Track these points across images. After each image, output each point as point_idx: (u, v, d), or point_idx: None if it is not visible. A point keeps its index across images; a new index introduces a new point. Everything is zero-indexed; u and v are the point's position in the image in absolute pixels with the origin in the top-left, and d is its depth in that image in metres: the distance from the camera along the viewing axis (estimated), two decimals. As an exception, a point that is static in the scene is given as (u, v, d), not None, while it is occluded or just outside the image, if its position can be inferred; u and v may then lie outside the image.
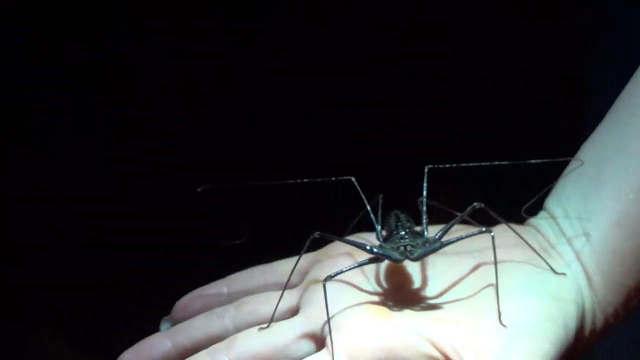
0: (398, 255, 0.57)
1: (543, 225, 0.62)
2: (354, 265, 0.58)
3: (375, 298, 0.58)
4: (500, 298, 0.56)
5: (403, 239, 0.58)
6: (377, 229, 0.60)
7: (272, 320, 0.58)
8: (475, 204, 0.58)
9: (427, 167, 0.59)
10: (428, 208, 0.60)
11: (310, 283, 0.60)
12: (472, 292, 0.58)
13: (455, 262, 0.60)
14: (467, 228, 0.60)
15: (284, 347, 0.57)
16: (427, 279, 0.59)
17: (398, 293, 0.59)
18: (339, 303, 0.58)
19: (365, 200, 0.59)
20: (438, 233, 0.58)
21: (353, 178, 0.59)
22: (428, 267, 0.60)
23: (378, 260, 0.58)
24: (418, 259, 0.57)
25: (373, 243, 0.59)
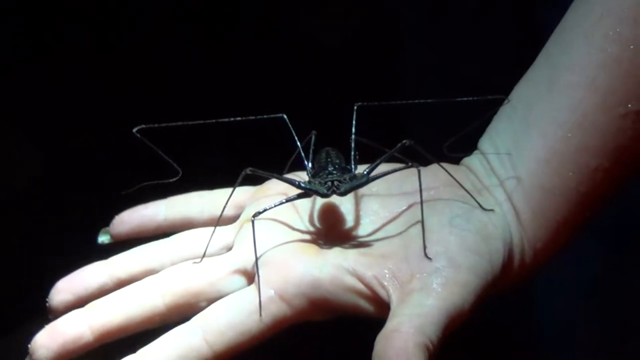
0: (325, 190, 0.58)
1: (475, 164, 0.62)
2: (282, 201, 0.58)
3: (307, 237, 0.60)
4: (428, 234, 0.57)
5: (331, 174, 0.59)
6: (306, 166, 0.61)
7: (204, 256, 0.59)
8: (405, 141, 0.58)
9: (356, 104, 0.60)
10: (360, 145, 0.61)
11: (244, 221, 0.61)
12: (402, 229, 0.58)
13: (388, 202, 0.61)
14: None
15: (216, 281, 0.58)
16: (359, 219, 0.60)
17: (329, 232, 0.60)
18: (270, 241, 0.59)
19: (297, 138, 0.60)
20: (366, 169, 0.59)
21: (285, 115, 0.60)
22: (361, 207, 0.61)
23: (307, 195, 0.59)
24: (344, 194, 0.58)
25: (304, 180, 0.60)
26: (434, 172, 0.61)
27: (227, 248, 0.61)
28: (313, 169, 0.61)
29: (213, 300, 0.58)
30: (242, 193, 0.63)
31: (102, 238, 0.63)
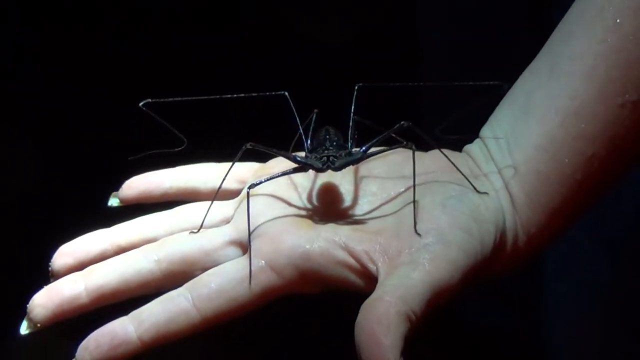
0: (320, 165, 0.59)
1: (475, 151, 0.63)
2: (278, 174, 0.60)
3: (303, 212, 0.61)
4: (421, 212, 0.57)
5: (327, 150, 0.60)
6: (304, 142, 0.62)
7: (202, 226, 0.61)
8: (403, 123, 0.59)
9: (357, 85, 0.61)
10: (360, 127, 0.62)
11: (245, 196, 0.62)
12: (397, 209, 0.59)
13: (386, 184, 0.62)
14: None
15: (212, 251, 0.60)
16: (357, 199, 0.61)
17: (326, 209, 0.61)
18: (267, 215, 0.60)
19: (297, 115, 0.61)
20: (363, 147, 0.60)
21: (286, 93, 0.61)
22: (360, 188, 0.62)
23: (302, 170, 0.60)
24: (339, 169, 0.59)
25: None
26: (434, 156, 0.62)
27: (226, 221, 0.62)
28: (311, 145, 0.62)
29: (207, 270, 0.59)
30: (246, 169, 0.65)
31: (111, 201, 0.65)
